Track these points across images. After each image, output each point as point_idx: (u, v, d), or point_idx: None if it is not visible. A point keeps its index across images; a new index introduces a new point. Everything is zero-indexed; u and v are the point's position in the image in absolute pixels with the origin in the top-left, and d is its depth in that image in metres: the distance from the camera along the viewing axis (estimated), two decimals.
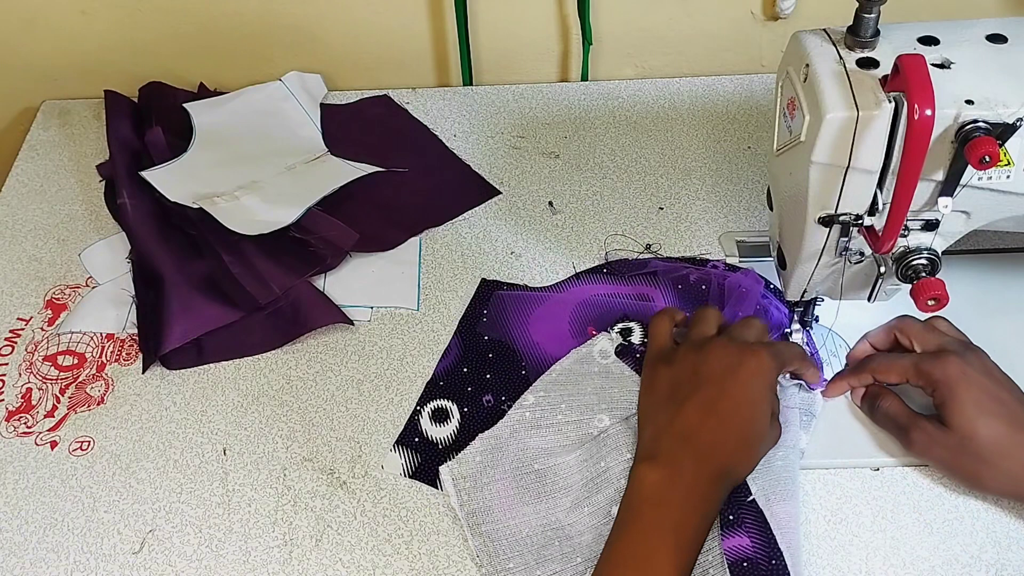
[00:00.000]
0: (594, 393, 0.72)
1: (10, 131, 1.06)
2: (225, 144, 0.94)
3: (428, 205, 0.91)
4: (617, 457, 0.67)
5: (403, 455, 0.72)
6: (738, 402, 0.64)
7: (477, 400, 0.75)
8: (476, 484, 0.67)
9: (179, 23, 1.00)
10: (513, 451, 0.69)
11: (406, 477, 0.71)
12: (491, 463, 0.68)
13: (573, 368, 0.74)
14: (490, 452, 0.69)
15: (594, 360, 0.74)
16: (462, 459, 0.68)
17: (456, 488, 0.67)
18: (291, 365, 0.79)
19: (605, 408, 0.70)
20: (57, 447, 0.73)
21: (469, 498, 0.67)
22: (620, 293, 0.81)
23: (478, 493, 0.67)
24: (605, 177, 0.94)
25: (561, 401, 0.71)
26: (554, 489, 0.67)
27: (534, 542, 0.65)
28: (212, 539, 0.68)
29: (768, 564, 0.62)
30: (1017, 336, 0.77)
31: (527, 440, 0.69)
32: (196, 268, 0.83)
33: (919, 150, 0.54)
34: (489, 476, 0.67)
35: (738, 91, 1.03)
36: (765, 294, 0.79)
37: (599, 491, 0.66)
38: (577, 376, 0.73)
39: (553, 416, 0.71)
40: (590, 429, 0.69)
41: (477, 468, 0.68)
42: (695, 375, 0.66)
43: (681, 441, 0.64)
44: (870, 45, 0.59)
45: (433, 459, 0.71)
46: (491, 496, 0.67)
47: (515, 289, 0.83)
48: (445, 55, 1.05)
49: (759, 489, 0.65)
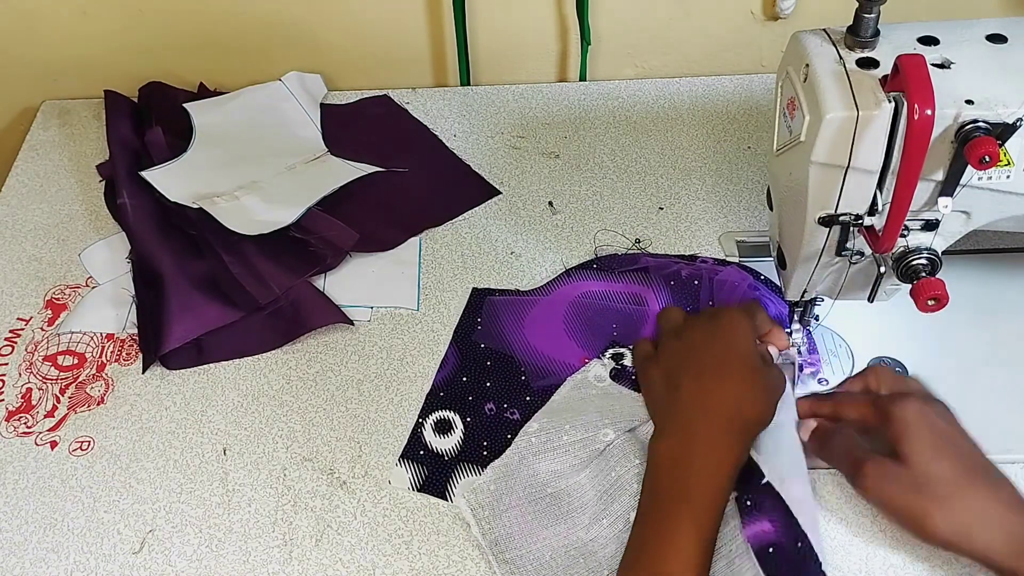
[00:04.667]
0: (596, 412, 0.71)
1: (10, 131, 1.06)
2: (225, 144, 0.94)
3: (428, 205, 0.91)
4: (627, 464, 0.67)
5: (409, 469, 0.71)
6: (726, 357, 0.67)
7: (479, 409, 0.75)
8: (494, 512, 0.67)
9: (179, 23, 1.00)
10: (524, 478, 0.68)
11: (414, 491, 0.70)
12: (505, 490, 0.68)
13: (571, 395, 0.74)
14: (503, 480, 0.68)
15: (591, 384, 0.74)
16: (477, 489, 0.68)
17: (476, 518, 0.67)
18: (291, 365, 0.79)
19: (609, 423, 0.70)
20: (57, 447, 0.73)
21: (490, 527, 0.66)
22: (612, 292, 0.82)
23: (497, 521, 0.66)
24: (605, 177, 0.94)
25: (565, 423, 0.71)
26: (570, 510, 0.67)
27: (559, 563, 0.65)
28: (212, 539, 0.68)
29: (795, 547, 0.62)
30: (1017, 336, 0.77)
31: (536, 465, 0.69)
32: (196, 268, 0.83)
33: (919, 150, 0.54)
34: (505, 504, 0.67)
35: (738, 91, 1.03)
36: (756, 285, 0.80)
37: (614, 501, 0.66)
38: (577, 401, 0.73)
39: (559, 438, 0.70)
40: (597, 445, 0.69)
41: (493, 496, 0.67)
42: (680, 356, 0.69)
43: (687, 407, 0.65)
44: (870, 45, 0.59)
45: (440, 471, 0.71)
46: (511, 523, 0.66)
47: (506, 294, 0.83)
48: (443, 55, 1.05)
49: (771, 471, 0.64)
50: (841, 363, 0.76)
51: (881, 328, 0.78)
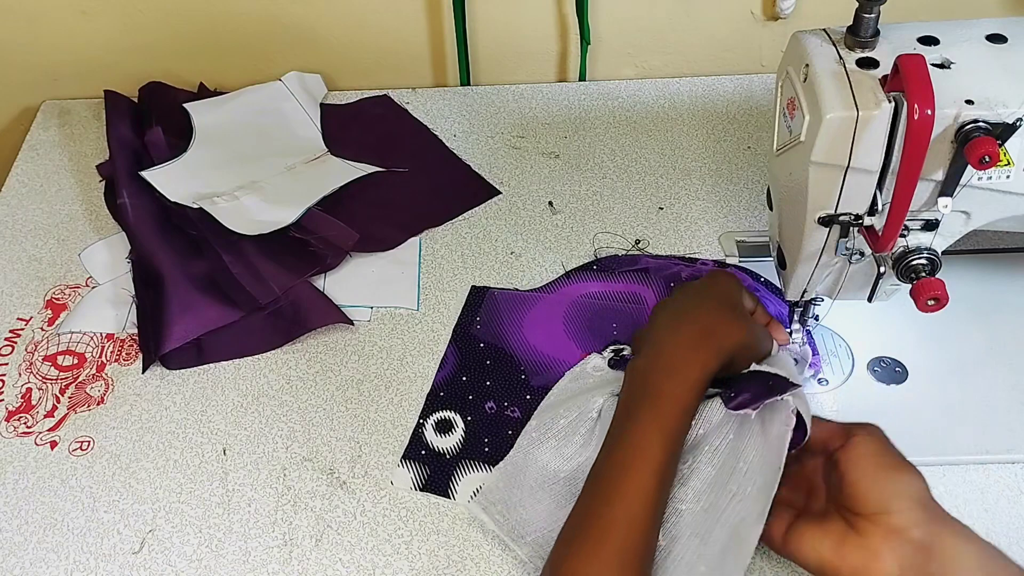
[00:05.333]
0: (588, 391, 0.71)
1: (10, 131, 1.07)
2: (225, 144, 0.94)
3: (428, 205, 0.91)
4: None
5: (411, 469, 0.71)
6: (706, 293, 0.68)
7: (479, 408, 0.75)
8: (508, 506, 0.67)
9: (179, 23, 1.00)
10: (533, 472, 0.68)
11: (417, 491, 0.70)
12: (515, 486, 0.68)
13: (569, 387, 0.74)
14: (511, 477, 0.68)
15: (588, 374, 0.74)
16: (487, 490, 0.68)
17: (489, 515, 0.66)
18: (291, 365, 0.79)
19: (598, 394, 0.70)
20: (57, 447, 0.73)
21: (505, 519, 0.66)
22: (612, 292, 0.81)
23: (512, 513, 0.66)
24: (605, 177, 0.94)
25: (560, 406, 0.71)
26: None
27: None
28: (212, 539, 0.68)
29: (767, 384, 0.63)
30: (1017, 336, 0.77)
31: (542, 457, 0.69)
32: (196, 268, 0.83)
33: (919, 150, 0.54)
34: (517, 497, 0.67)
35: (738, 91, 1.03)
36: (756, 287, 0.80)
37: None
38: (573, 391, 0.73)
39: (555, 424, 0.70)
40: (591, 414, 0.69)
41: (503, 494, 0.67)
42: (665, 310, 0.69)
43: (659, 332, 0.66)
44: (870, 45, 0.59)
45: (442, 470, 0.71)
46: (528, 510, 0.66)
47: (506, 290, 0.83)
48: (443, 55, 1.05)
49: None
50: (841, 363, 0.76)
51: (881, 328, 0.78)
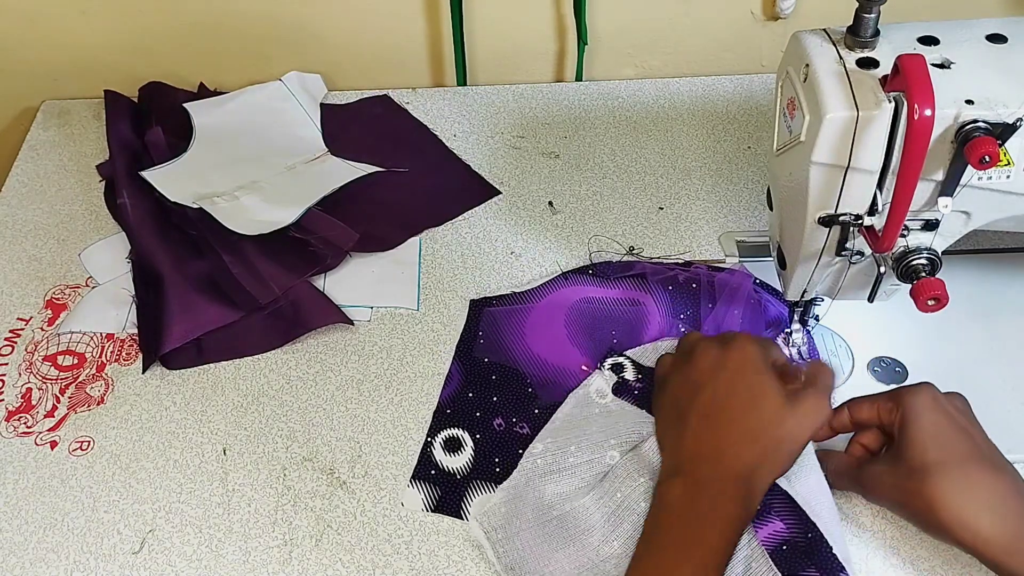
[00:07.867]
0: (600, 431, 0.71)
1: (10, 131, 1.06)
2: (225, 144, 0.94)
3: (428, 205, 0.91)
4: (631, 484, 0.66)
5: (422, 490, 0.70)
6: (734, 393, 0.64)
7: (488, 425, 0.74)
8: (507, 534, 0.66)
9: (179, 23, 1.00)
10: (532, 500, 0.68)
11: (428, 512, 0.69)
12: (515, 512, 0.67)
13: (573, 413, 0.73)
14: (512, 502, 0.68)
15: (593, 402, 0.74)
16: (489, 512, 0.67)
17: (490, 540, 0.66)
18: (291, 365, 0.79)
19: (615, 444, 0.70)
20: (57, 447, 0.73)
21: (504, 550, 0.66)
22: (611, 298, 0.81)
23: (510, 544, 0.66)
24: (605, 177, 0.94)
25: (570, 443, 0.70)
26: (578, 532, 0.66)
27: None
28: (212, 539, 0.68)
29: (805, 539, 0.62)
30: (1017, 336, 0.77)
31: (542, 488, 0.68)
32: (196, 268, 0.83)
33: (919, 150, 0.54)
34: (516, 527, 0.66)
35: (738, 91, 1.03)
36: (757, 288, 0.79)
37: (623, 521, 0.66)
38: (579, 420, 0.73)
39: (565, 460, 0.69)
40: (602, 467, 0.69)
41: (504, 519, 0.67)
42: (688, 383, 0.67)
43: (696, 452, 0.63)
44: (870, 45, 0.59)
45: (453, 490, 0.70)
46: (523, 546, 0.66)
47: (503, 302, 0.82)
48: (442, 55, 1.05)
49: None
50: (841, 363, 0.76)
51: (881, 328, 0.78)
